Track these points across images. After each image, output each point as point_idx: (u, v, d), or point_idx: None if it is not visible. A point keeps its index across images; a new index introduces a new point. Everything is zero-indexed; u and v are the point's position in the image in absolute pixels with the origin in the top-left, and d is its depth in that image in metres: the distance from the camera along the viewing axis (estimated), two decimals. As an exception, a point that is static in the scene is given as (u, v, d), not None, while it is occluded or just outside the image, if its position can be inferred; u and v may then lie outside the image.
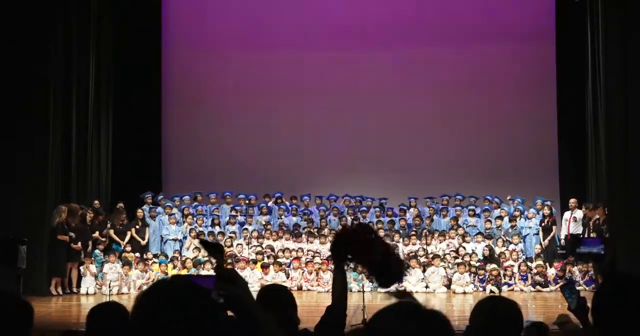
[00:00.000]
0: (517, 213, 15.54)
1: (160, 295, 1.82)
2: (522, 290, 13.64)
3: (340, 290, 3.15)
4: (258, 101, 17.81)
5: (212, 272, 13.71)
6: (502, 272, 14.01)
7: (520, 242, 15.14)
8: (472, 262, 14.15)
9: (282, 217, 16.22)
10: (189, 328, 1.76)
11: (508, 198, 16.13)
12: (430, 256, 14.46)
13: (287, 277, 14.29)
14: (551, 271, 14.10)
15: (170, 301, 1.79)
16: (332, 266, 3.37)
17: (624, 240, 11.54)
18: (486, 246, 14.61)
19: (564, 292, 3.20)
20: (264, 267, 14.23)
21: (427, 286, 13.87)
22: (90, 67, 15.20)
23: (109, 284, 12.35)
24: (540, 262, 14.10)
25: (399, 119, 17.60)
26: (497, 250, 14.81)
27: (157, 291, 1.84)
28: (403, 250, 15.02)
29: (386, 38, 17.67)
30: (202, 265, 14.02)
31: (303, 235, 15.38)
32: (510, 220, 15.35)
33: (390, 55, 17.64)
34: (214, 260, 2.52)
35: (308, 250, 15.04)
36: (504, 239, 15.07)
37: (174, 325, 1.76)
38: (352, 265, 3.14)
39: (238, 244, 15.12)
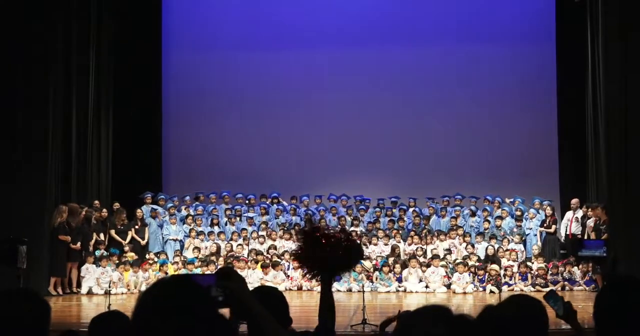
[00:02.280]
0: (518, 213, 15.53)
1: (160, 293, 1.83)
2: (522, 290, 13.63)
3: (328, 304, 3.19)
4: (258, 101, 17.80)
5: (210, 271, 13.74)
6: (502, 272, 14.02)
7: (522, 242, 15.16)
8: (471, 262, 14.15)
9: (279, 217, 16.21)
10: (189, 326, 1.78)
11: (508, 201, 16.11)
12: (431, 256, 14.47)
13: (287, 277, 14.30)
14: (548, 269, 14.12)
15: (170, 299, 1.81)
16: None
17: (624, 241, 11.54)
18: (491, 246, 14.62)
19: (548, 301, 3.18)
20: (264, 267, 14.23)
21: (427, 286, 13.87)
22: (90, 67, 15.20)
23: (109, 285, 12.36)
24: (542, 265, 14.10)
25: (398, 119, 17.59)
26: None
27: (157, 290, 1.85)
28: (404, 249, 15.06)
29: (386, 38, 17.67)
30: (193, 264, 14.07)
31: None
32: (516, 220, 15.35)
33: (390, 55, 17.63)
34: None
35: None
36: (509, 239, 15.04)
37: (174, 323, 1.77)
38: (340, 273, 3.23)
39: (238, 245, 15.12)
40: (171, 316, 1.78)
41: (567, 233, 14.94)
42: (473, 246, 14.76)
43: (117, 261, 13.96)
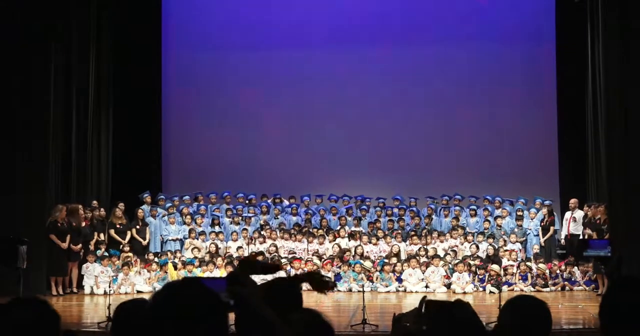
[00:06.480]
0: (519, 213, 15.52)
1: (171, 297, 1.84)
2: (522, 290, 13.63)
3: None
4: (258, 101, 17.80)
5: (214, 274, 13.73)
6: (502, 272, 14.01)
7: (522, 242, 15.16)
8: (470, 262, 14.14)
9: (279, 217, 16.18)
10: (200, 330, 1.78)
11: (508, 204, 16.10)
12: (431, 256, 14.45)
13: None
14: (548, 272, 14.10)
15: (181, 303, 1.81)
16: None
17: (624, 240, 11.54)
18: (491, 246, 14.61)
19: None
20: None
21: (427, 286, 13.87)
22: (90, 67, 15.19)
23: (109, 285, 12.35)
24: (542, 265, 14.09)
25: (399, 119, 17.59)
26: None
27: (168, 294, 1.86)
28: (405, 249, 15.04)
29: (385, 38, 17.65)
30: (193, 265, 14.06)
31: (297, 235, 15.41)
32: (517, 220, 15.34)
33: (390, 56, 17.61)
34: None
35: (309, 250, 15.05)
36: (516, 239, 15.01)
37: (185, 327, 1.77)
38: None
39: (238, 247, 15.06)
40: (180, 319, 1.79)
41: (567, 233, 14.92)
42: (477, 246, 14.74)
43: (118, 263, 13.94)
